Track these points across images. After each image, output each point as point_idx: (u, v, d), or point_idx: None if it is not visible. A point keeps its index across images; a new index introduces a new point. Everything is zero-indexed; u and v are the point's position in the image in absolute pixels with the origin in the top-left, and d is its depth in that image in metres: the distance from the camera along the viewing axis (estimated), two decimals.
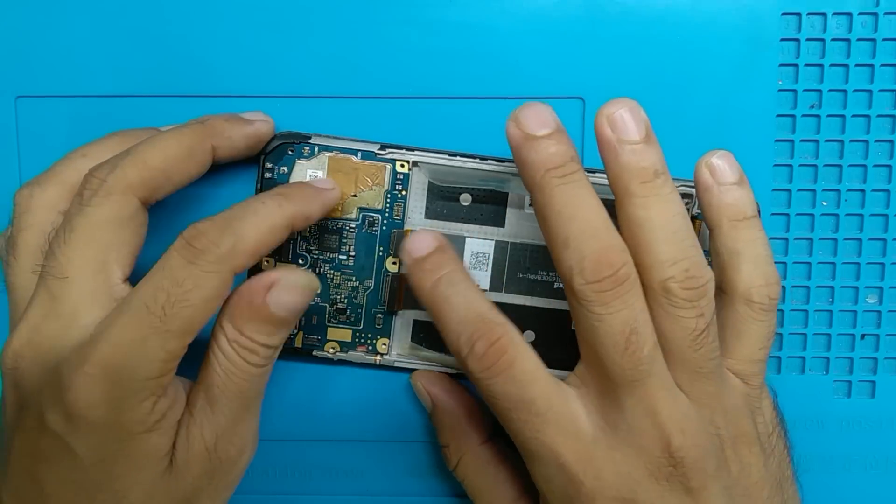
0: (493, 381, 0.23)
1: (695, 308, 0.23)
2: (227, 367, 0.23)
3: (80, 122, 0.29)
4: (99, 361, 0.22)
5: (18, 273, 0.25)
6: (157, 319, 0.22)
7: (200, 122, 0.26)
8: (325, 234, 0.29)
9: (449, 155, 0.28)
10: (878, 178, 0.29)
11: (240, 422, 0.24)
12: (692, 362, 0.24)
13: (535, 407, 0.23)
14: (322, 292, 0.29)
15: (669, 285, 0.23)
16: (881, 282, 0.30)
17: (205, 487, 0.24)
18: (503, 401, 0.23)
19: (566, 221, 0.23)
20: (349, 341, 0.29)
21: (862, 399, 0.30)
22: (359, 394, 0.30)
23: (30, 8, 0.29)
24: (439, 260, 0.25)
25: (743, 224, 0.25)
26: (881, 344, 0.30)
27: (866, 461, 0.30)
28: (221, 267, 0.23)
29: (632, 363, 0.23)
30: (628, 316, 0.23)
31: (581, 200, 0.23)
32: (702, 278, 0.23)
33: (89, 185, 0.24)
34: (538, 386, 0.24)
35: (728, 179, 0.25)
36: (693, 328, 0.23)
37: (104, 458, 0.23)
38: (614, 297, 0.23)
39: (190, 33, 0.29)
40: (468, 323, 0.24)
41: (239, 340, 0.23)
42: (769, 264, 0.25)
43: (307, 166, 0.28)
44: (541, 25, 0.29)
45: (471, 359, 0.23)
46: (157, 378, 0.23)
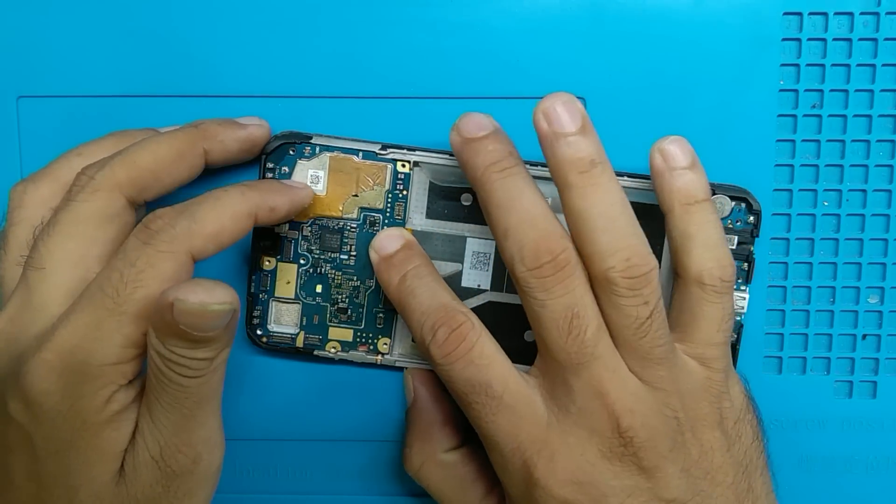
0: (452, 367, 0.24)
1: (637, 296, 0.24)
2: (159, 376, 0.22)
3: (80, 122, 0.29)
4: (55, 347, 0.22)
5: (7, 266, 0.25)
6: (110, 301, 0.22)
7: (194, 125, 0.26)
8: (327, 234, 0.29)
9: (450, 155, 0.28)
10: (880, 178, 0.29)
11: (183, 431, 0.23)
12: (640, 349, 0.24)
13: (492, 389, 0.24)
14: (323, 292, 0.29)
15: (610, 275, 0.24)
16: (882, 282, 0.29)
17: (161, 496, 0.24)
18: (462, 385, 0.24)
19: (505, 213, 0.24)
20: (350, 341, 0.29)
21: (863, 399, 0.30)
22: (359, 394, 0.30)
23: (31, 8, 0.29)
24: (406, 256, 0.27)
25: (695, 208, 0.25)
26: (882, 344, 0.30)
27: (867, 461, 0.30)
28: (176, 247, 0.22)
29: (576, 346, 0.24)
30: (570, 300, 0.24)
31: (519, 192, 0.24)
32: (644, 266, 0.24)
33: (78, 182, 0.24)
34: (495, 369, 0.24)
35: (680, 164, 0.25)
36: (636, 316, 0.24)
37: (59, 450, 0.23)
38: (555, 283, 0.24)
39: (190, 34, 0.29)
40: (431, 312, 0.25)
41: (162, 352, 0.22)
42: (720, 247, 0.25)
43: (308, 166, 0.28)
44: (541, 25, 0.29)
45: (433, 346, 0.24)
46: (113, 364, 0.22)
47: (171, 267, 0.22)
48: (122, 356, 0.22)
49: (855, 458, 0.30)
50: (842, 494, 0.30)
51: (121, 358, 0.22)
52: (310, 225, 0.28)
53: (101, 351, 0.22)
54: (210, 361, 0.23)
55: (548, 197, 0.28)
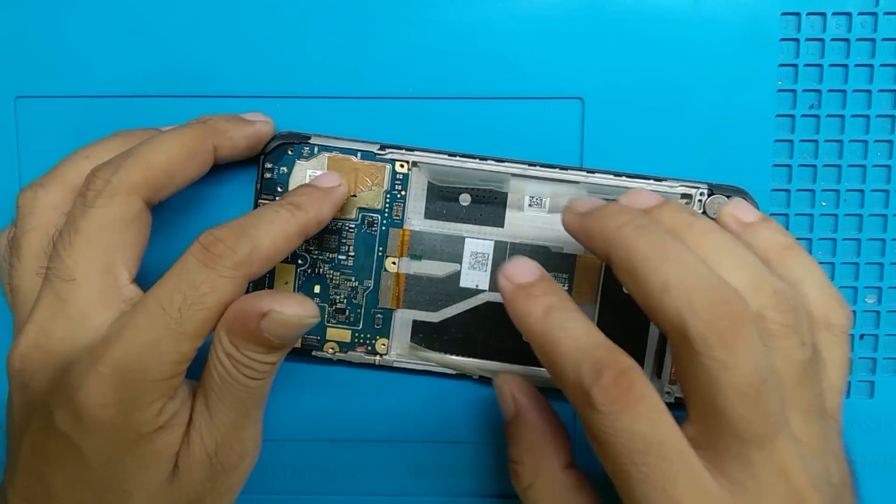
0: (620, 417, 0.21)
1: (796, 335, 0.22)
2: (225, 377, 0.23)
3: (80, 123, 0.29)
4: (111, 361, 0.22)
5: (24, 276, 0.25)
6: (172, 321, 0.22)
7: (201, 121, 0.26)
8: (325, 235, 0.29)
9: (448, 155, 0.28)
10: (878, 179, 0.29)
11: (239, 429, 0.24)
12: (803, 401, 0.22)
13: (665, 451, 0.20)
14: (321, 292, 0.29)
15: (764, 312, 0.21)
16: (880, 282, 0.30)
17: (208, 492, 0.24)
18: (629, 441, 0.20)
19: (658, 264, 0.21)
20: (348, 342, 0.29)
21: (861, 399, 0.30)
22: (359, 394, 0.30)
23: (30, 8, 0.29)
24: (549, 287, 0.24)
25: (791, 252, 0.24)
26: (880, 344, 0.30)
27: (865, 461, 0.30)
28: (237, 273, 0.23)
29: (763, 416, 0.21)
30: (756, 363, 0.20)
31: (669, 243, 0.22)
32: (794, 300, 0.22)
33: (93, 186, 0.24)
34: (668, 428, 0.21)
35: (755, 219, 0.25)
36: (800, 359, 0.22)
37: (112, 459, 0.23)
38: (738, 340, 0.20)
39: (190, 34, 0.29)
40: (591, 351, 0.21)
41: (235, 356, 0.23)
42: (831, 286, 0.24)
43: (307, 166, 0.28)
44: (540, 25, 0.29)
45: (596, 389, 0.21)
46: (167, 380, 0.23)
47: (233, 291, 0.23)
48: (176, 371, 0.23)
49: (853, 458, 0.30)
50: None
51: (174, 373, 0.23)
52: None
53: (158, 368, 0.22)
54: (274, 366, 0.24)
55: (547, 196, 0.29)
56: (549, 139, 0.29)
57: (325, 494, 0.30)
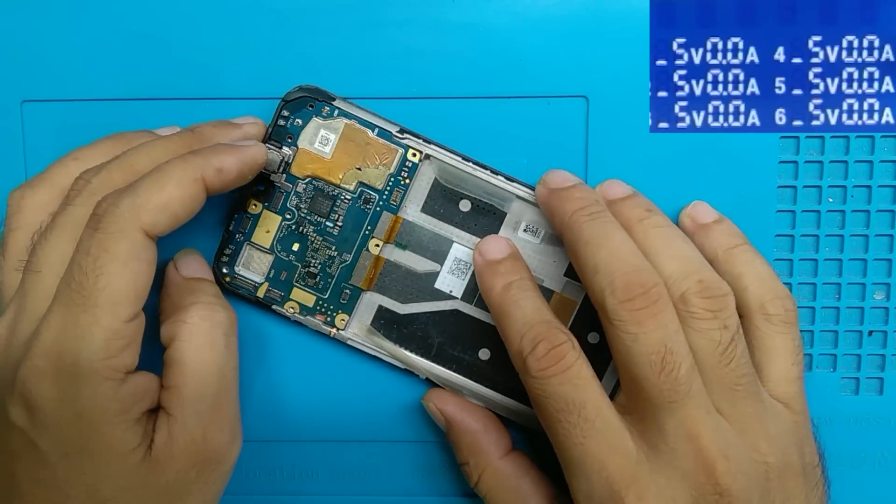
0: (548, 381, 0.24)
1: (716, 319, 0.24)
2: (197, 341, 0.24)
3: (85, 126, 0.29)
4: (42, 352, 0.22)
5: (6, 271, 0.25)
6: (79, 296, 0.22)
7: (190, 130, 0.26)
8: (319, 197, 0.28)
9: (462, 158, 0.28)
10: (885, 174, 0.29)
11: (223, 405, 0.24)
12: (725, 379, 0.24)
13: (586, 411, 0.23)
14: (299, 251, 0.29)
15: (687, 296, 0.24)
16: (888, 278, 0.29)
17: (193, 480, 0.24)
18: (554, 401, 0.24)
19: (595, 249, 0.24)
20: (310, 307, 0.29)
21: (870, 396, 0.30)
22: (359, 394, 0.30)
23: (35, 13, 0.29)
24: (514, 266, 0.27)
25: (736, 251, 0.26)
26: (889, 340, 0.30)
27: (875, 458, 0.30)
28: (124, 226, 0.22)
29: (669, 383, 0.23)
30: (663, 335, 0.23)
31: (609, 231, 0.25)
32: (718, 289, 0.24)
33: (75, 186, 0.24)
34: (592, 391, 0.24)
35: (709, 219, 0.27)
36: (718, 340, 0.24)
37: (68, 453, 0.23)
38: (647, 316, 0.23)
39: (193, 37, 0.29)
40: (534, 325, 0.24)
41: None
42: (774, 279, 0.26)
43: (322, 125, 0.28)
44: (543, 24, 0.28)
45: (531, 358, 0.24)
46: (104, 360, 0.22)
47: (126, 247, 0.22)
48: (109, 350, 0.22)
49: (862, 455, 0.30)
50: (849, 491, 0.30)
51: (108, 352, 0.22)
52: (306, 183, 0.28)
53: (88, 349, 0.22)
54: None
55: (543, 228, 0.28)
56: (554, 138, 0.29)
57: (327, 495, 0.30)
